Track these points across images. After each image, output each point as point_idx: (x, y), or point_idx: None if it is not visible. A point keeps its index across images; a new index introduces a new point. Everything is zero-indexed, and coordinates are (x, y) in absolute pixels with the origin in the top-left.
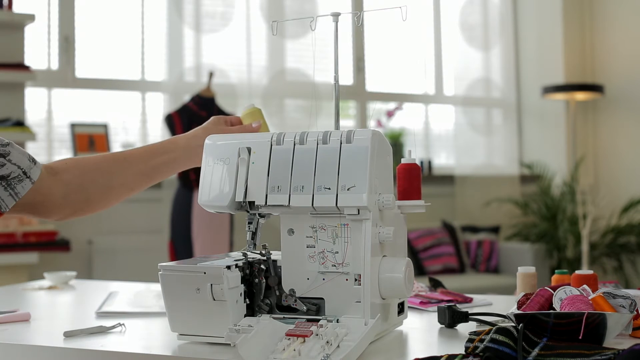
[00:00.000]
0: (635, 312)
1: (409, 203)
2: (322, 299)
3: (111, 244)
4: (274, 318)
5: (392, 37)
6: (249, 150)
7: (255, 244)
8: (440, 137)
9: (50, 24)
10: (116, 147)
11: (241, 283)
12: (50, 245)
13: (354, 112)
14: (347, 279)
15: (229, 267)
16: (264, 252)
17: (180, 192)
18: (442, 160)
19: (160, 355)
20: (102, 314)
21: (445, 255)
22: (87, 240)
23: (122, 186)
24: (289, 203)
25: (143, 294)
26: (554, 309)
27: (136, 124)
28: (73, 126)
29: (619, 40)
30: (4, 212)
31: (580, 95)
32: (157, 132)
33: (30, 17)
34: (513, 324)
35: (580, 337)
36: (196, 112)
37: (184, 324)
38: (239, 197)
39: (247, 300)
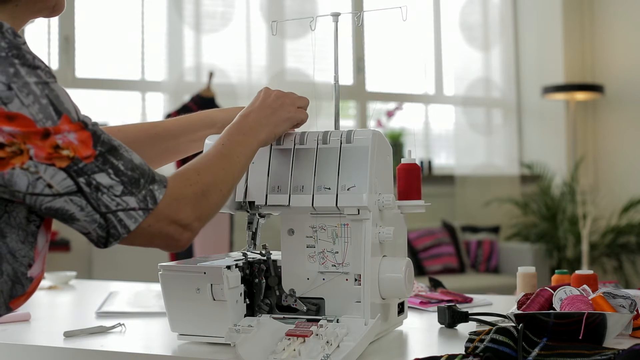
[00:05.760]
0: (635, 312)
1: (409, 203)
2: (322, 299)
3: None
4: (274, 318)
5: (392, 37)
6: None
7: (255, 244)
8: (440, 137)
9: (50, 24)
10: None
11: (241, 283)
12: (50, 245)
13: (354, 112)
14: (347, 279)
15: (229, 267)
16: (264, 252)
17: None
18: (442, 160)
19: (160, 355)
20: (102, 314)
21: (445, 255)
22: (88, 240)
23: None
24: (289, 203)
25: (143, 294)
26: (554, 309)
27: None
28: None
29: (619, 40)
30: None
31: (580, 95)
32: None
33: None
34: (513, 324)
35: (580, 337)
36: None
37: (184, 324)
38: (239, 197)
39: (247, 300)
